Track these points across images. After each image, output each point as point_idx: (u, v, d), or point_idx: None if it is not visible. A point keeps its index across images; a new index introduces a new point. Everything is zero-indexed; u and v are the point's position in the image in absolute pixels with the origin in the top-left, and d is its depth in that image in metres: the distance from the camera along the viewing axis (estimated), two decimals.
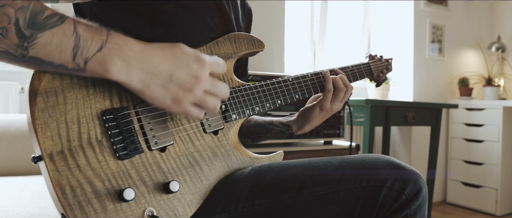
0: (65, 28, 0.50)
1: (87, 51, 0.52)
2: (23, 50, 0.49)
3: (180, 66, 0.57)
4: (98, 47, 0.52)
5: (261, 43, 0.81)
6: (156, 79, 0.56)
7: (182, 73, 0.57)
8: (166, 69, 0.56)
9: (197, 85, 0.58)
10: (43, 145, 0.53)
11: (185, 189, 0.64)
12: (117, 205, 0.56)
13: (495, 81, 3.31)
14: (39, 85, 0.54)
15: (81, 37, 0.51)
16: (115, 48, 0.53)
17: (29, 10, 0.48)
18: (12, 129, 1.29)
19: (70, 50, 0.51)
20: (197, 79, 0.58)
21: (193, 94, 0.58)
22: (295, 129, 0.94)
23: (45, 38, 0.49)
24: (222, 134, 0.72)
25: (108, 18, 0.69)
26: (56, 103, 0.55)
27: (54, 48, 0.50)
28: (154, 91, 0.56)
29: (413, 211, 0.65)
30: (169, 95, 0.57)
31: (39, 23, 0.49)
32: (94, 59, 0.52)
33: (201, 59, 0.59)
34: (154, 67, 0.56)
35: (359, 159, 0.69)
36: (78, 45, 0.51)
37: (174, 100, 0.57)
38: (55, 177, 0.52)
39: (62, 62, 0.52)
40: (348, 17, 2.98)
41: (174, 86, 0.57)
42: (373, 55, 1.09)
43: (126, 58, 0.54)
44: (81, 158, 0.55)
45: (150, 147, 0.61)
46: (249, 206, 0.68)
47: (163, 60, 0.57)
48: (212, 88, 0.60)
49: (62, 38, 0.50)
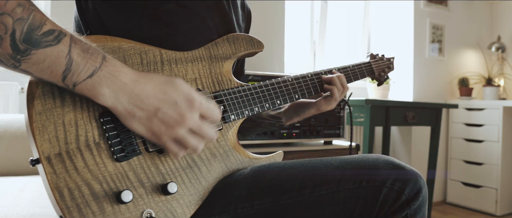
0: (59, 49, 0.50)
1: (77, 76, 0.51)
2: (15, 62, 0.49)
3: (168, 103, 0.56)
4: (89, 73, 0.52)
5: (260, 44, 0.81)
6: (141, 112, 0.55)
7: (168, 110, 0.56)
8: (153, 104, 0.56)
9: (181, 123, 0.57)
10: (40, 148, 0.53)
11: (183, 190, 0.64)
12: (115, 207, 0.56)
13: (495, 81, 3.31)
14: (37, 88, 0.54)
15: (73, 62, 0.51)
16: (107, 77, 0.53)
17: (27, 22, 0.48)
18: (12, 129, 1.29)
19: (60, 73, 0.51)
20: (182, 117, 0.57)
21: (174, 131, 0.57)
22: (285, 120, 0.96)
23: (38, 56, 0.49)
24: (220, 135, 0.72)
25: (109, 17, 0.69)
26: (53, 105, 0.55)
27: (45, 68, 0.50)
28: (137, 122, 0.56)
29: (413, 211, 0.65)
30: (150, 128, 0.56)
31: (35, 40, 0.48)
32: (83, 85, 0.52)
33: (192, 100, 0.58)
34: (141, 101, 0.55)
35: (359, 159, 0.69)
36: (69, 69, 0.51)
37: (154, 134, 0.57)
38: (53, 180, 0.52)
39: (52, 81, 0.52)
40: (348, 17, 2.98)
41: (158, 121, 0.56)
42: (374, 54, 1.09)
43: (115, 88, 0.54)
44: (79, 161, 0.55)
45: (147, 148, 0.61)
46: (249, 206, 0.67)
47: (153, 95, 0.56)
48: (198, 129, 0.59)
49: (54, 60, 0.50)
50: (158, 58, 0.67)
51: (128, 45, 0.64)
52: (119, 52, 0.63)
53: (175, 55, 0.69)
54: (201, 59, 0.73)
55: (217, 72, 0.74)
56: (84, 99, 0.57)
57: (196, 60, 0.72)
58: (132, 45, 0.65)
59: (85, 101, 0.57)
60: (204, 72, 0.73)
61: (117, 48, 0.63)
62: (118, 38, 0.65)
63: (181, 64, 0.70)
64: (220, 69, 0.75)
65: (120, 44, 0.64)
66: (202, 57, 0.73)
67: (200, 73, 0.72)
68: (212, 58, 0.74)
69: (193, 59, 0.72)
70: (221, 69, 0.75)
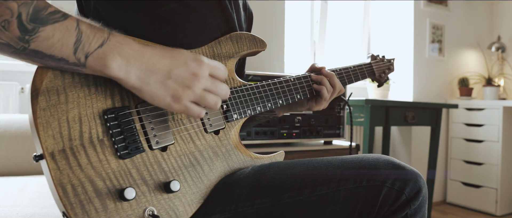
0: (68, 24, 0.51)
1: (88, 46, 0.53)
2: (24, 43, 0.49)
3: (178, 64, 0.58)
4: (99, 43, 0.53)
5: (263, 43, 0.81)
6: (155, 76, 0.56)
7: (181, 70, 0.58)
8: (165, 66, 0.57)
9: (196, 82, 0.58)
10: (44, 144, 0.53)
11: (185, 188, 0.64)
12: (118, 204, 0.56)
13: (495, 81, 3.31)
14: (41, 84, 0.54)
15: (83, 33, 0.52)
16: (116, 45, 0.54)
17: (32, 5, 0.49)
18: (12, 129, 1.29)
19: (71, 44, 0.52)
20: (196, 76, 0.58)
21: (192, 91, 0.58)
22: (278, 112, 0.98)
23: (47, 32, 0.50)
24: (223, 134, 0.73)
25: (111, 17, 0.69)
26: (57, 102, 0.55)
27: (56, 42, 0.51)
28: (153, 87, 0.56)
29: (413, 211, 0.65)
30: (168, 92, 0.57)
31: (42, 18, 0.50)
32: (95, 54, 0.53)
33: (199, 59, 0.60)
34: (152, 64, 0.56)
35: (359, 159, 0.69)
36: (80, 39, 0.52)
37: (173, 97, 0.57)
38: (57, 176, 0.53)
39: (63, 56, 0.52)
40: (348, 17, 2.98)
41: (173, 83, 0.57)
42: (375, 55, 1.09)
43: (126, 55, 0.55)
44: (83, 157, 0.55)
45: (151, 146, 0.62)
46: (249, 205, 0.68)
47: (162, 58, 0.58)
48: (212, 87, 0.60)
49: (64, 33, 0.51)
50: None
51: None
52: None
53: None
54: None
55: None
56: (88, 96, 0.57)
57: None
58: None
59: (89, 97, 0.57)
60: None
61: None
62: None
63: None
64: None
65: None
66: (205, 55, 0.73)
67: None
68: (215, 57, 0.74)
69: None
70: None
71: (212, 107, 0.61)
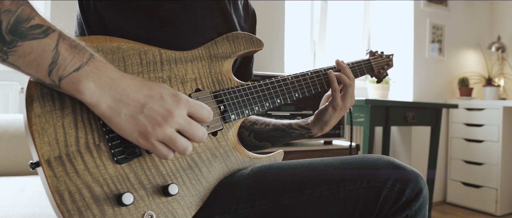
0: (46, 43, 0.49)
1: (63, 69, 0.50)
2: (2, 54, 0.48)
3: (154, 98, 0.55)
4: (76, 67, 0.51)
5: (259, 42, 0.81)
6: (127, 109, 0.53)
7: (155, 105, 0.54)
8: (139, 99, 0.54)
9: (169, 120, 0.54)
10: (40, 151, 0.52)
11: (184, 191, 0.64)
12: (116, 210, 0.56)
13: (495, 81, 3.31)
14: (36, 90, 0.53)
15: (60, 56, 0.50)
16: (93, 71, 0.52)
17: (15, 15, 0.47)
18: (12, 129, 1.29)
19: (46, 66, 0.50)
20: (169, 113, 0.54)
21: (162, 129, 0.54)
22: (316, 131, 0.93)
23: (24, 48, 0.48)
24: (221, 135, 0.72)
25: (110, 17, 0.69)
26: (53, 108, 0.54)
27: (32, 61, 0.49)
28: (123, 120, 0.53)
29: (413, 212, 0.65)
30: (137, 127, 0.54)
31: (21, 32, 0.48)
32: (68, 79, 0.51)
33: (178, 96, 0.56)
34: (126, 96, 0.53)
35: (360, 160, 0.68)
36: (55, 62, 0.50)
37: (141, 134, 0.54)
38: (53, 183, 0.52)
39: (39, 76, 0.51)
40: (348, 17, 2.98)
41: (144, 119, 0.53)
42: (373, 51, 1.09)
43: (101, 82, 0.52)
44: (79, 163, 0.54)
45: (148, 150, 0.61)
46: (249, 207, 0.67)
47: (138, 89, 0.55)
48: (186, 127, 0.56)
49: (41, 53, 0.49)
50: (158, 58, 0.67)
51: (127, 45, 0.64)
52: (118, 52, 0.62)
53: (174, 54, 0.69)
54: (200, 58, 0.73)
55: (217, 71, 0.74)
56: None
57: (196, 59, 0.72)
58: (131, 45, 0.64)
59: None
60: (204, 71, 0.72)
61: (116, 48, 0.62)
62: (117, 38, 0.64)
63: (180, 63, 0.69)
64: (220, 68, 0.75)
65: (119, 44, 0.63)
66: (202, 56, 0.73)
67: (200, 73, 0.72)
68: (212, 57, 0.74)
69: (193, 59, 0.72)
70: (221, 68, 0.75)
71: (180, 151, 0.56)
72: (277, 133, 0.95)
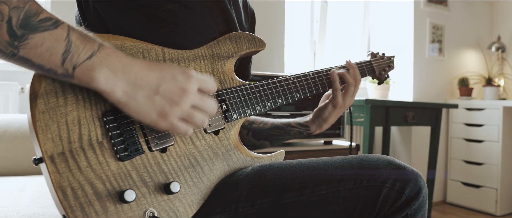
0: (58, 33, 0.50)
1: (77, 57, 0.51)
2: (13, 49, 0.49)
3: (167, 78, 0.56)
4: (88, 55, 0.52)
5: (262, 42, 0.81)
6: (142, 91, 0.54)
7: (169, 85, 0.55)
8: (153, 80, 0.55)
9: (184, 97, 0.56)
10: (44, 147, 0.53)
11: (186, 189, 0.64)
12: (118, 206, 0.56)
13: (495, 81, 3.31)
14: (40, 87, 0.54)
15: (72, 44, 0.51)
16: (105, 58, 0.53)
17: (24, 10, 0.48)
18: (12, 129, 1.29)
19: (60, 55, 0.50)
20: (184, 91, 0.56)
21: (179, 107, 0.56)
22: (314, 128, 0.94)
23: (36, 40, 0.49)
24: (223, 134, 0.72)
25: (110, 17, 0.69)
26: (56, 104, 0.55)
27: (44, 51, 0.50)
28: (140, 103, 0.54)
29: (413, 211, 0.65)
30: (155, 108, 0.55)
31: (32, 25, 0.49)
32: (83, 66, 0.52)
33: (188, 73, 0.58)
34: (140, 78, 0.54)
35: (360, 159, 0.69)
36: (68, 50, 0.51)
37: (160, 114, 0.55)
38: (56, 179, 0.52)
39: (51, 66, 0.51)
40: (348, 17, 2.98)
41: (161, 99, 0.55)
42: (375, 53, 1.09)
43: (114, 68, 0.53)
44: (82, 160, 0.55)
45: (150, 148, 0.61)
46: (250, 206, 0.68)
47: (150, 71, 0.56)
48: (200, 103, 0.58)
49: (53, 42, 0.50)
50: (161, 56, 0.67)
51: (131, 43, 0.64)
52: (121, 50, 0.63)
53: (177, 53, 0.69)
54: (203, 57, 0.73)
55: (219, 71, 0.75)
56: (87, 98, 0.57)
57: (198, 58, 0.72)
58: (134, 44, 0.65)
59: (88, 100, 0.57)
60: (206, 70, 0.73)
61: (119, 46, 0.63)
62: (120, 37, 0.65)
63: (183, 62, 0.70)
64: (222, 68, 0.75)
65: (123, 42, 0.64)
66: (204, 55, 0.73)
67: (202, 72, 0.72)
68: (214, 56, 0.74)
69: (195, 58, 0.72)
70: (223, 68, 0.75)
71: (199, 125, 0.59)
72: (275, 132, 0.96)
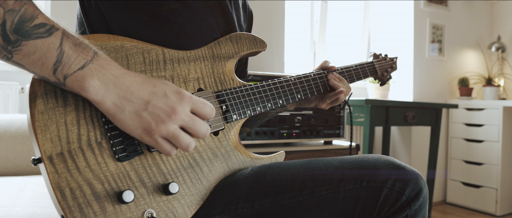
0: (50, 42, 0.50)
1: (68, 68, 0.51)
2: (7, 53, 0.48)
3: (158, 94, 0.56)
4: (80, 65, 0.52)
5: (263, 43, 0.81)
6: (131, 106, 0.54)
7: (159, 102, 0.55)
8: (143, 96, 0.55)
9: (173, 117, 0.55)
10: (42, 147, 0.52)
11: (185, 190, 0.64)
12: (117, 207, 0.56)
13: (495, 81, 3.31)
14: (40, 87, 0.54)
15: (65, 54, 0.51)
16: (97, 69, 0.53)
17: (19, 14, 0.48)
18: (12, 129, 1.29)
19: (51, 65, 0.50)
20: (173, 110, 0.55)
21: (165, 126, 0.55)
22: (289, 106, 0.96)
23: (28, 48, 0.49)
24: (222, 135, 0.72)
25: (112, 16, 0.69)
26: (56, 105, 0.55)
27: (36, 59, 0.49)
28: (127, 117, 0.54)
29: (413, 211, 0.65)
30: (141, 124, 0.55)
31: (25, 31, 0.48)
32: (73, 77, 0.51)
33: (181, 93, 0.57)
34: (130, 93, 0.54)
35: (360, 160, 0.69)
36: (60, 60, 0.50)
37: (145, 131, 0.55)
38: (55, 179, 0.52)
39: (43, 75, 0.51)
40: (348, 17, 2.98)
41: (148, 116, 0.54)
42: (377, 54, 1.09)
43: (105, 80, 0.53)
44: (81, 160, 0.55)
45: (149, 148, 0.61)
46: (249, 207, 0.67)
47: (142, 86, 0.55)
48: (189, 124, 0.57)
49: (45, 52, 0.49)
50: (161, 57, 0.67)
51: (131, 44, 0.64)
52: (121, 51, 0.63)
53: (177, 54, 0.69)
54: (203, 58, 0.73)
55: (219, 71, 0.74)
56: (86, 99, 0.57)
57: (199, 59, 0.72)
58: (134, 44, 0.65)
59: (87, 101, 0.57)
60: (206, 71, 0.73)
61: (119, 47, 0.63)
62: (120, 37, 0.65)
63: (183, 63, 0.70)
64: (222, 68, 0.75)
65: (123, 43, 0.63)
66: (205, 56, 0.73)
67: (202, 73, 0.72)
68: (214, 57, 0.74)
69: (196, 58, 0.72)
70: (223, 68, 0.75)
71: (183, 148, 0.57)
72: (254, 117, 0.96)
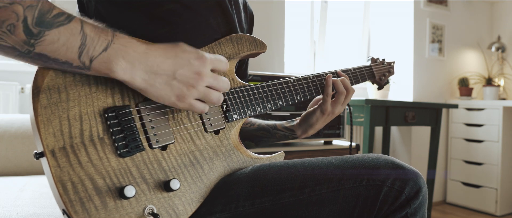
0: (72, 27, 0.52)
1: (93, 50, 0.53)
2: (29, 47, 0.50)
3: (182, 64, 0.59)
4: (103, 47, 0.54)
5: (263, 45, 0.81)
6: (160, 78, 0.58)
7: (185, 71, 0.59)
8: (169, 67, 0.58)
9: (200, 81, 0.60)
10: (45, 142, 0.53)
11: (185, 187, 0.64)
12: (118, 202, 0.56)
13: (495, 81, 3.32)
14: (43, 82, 0.54)
15: (87, 36, 0.53)
16: (120, 48, 0.55)
17: (37, 8, 0.49)
18: (12, 129, 1.29)
19: (76, 48, 0.52)
20: (199, 75, 0.60)
21: (196, 89, 0.60)
22: (299, 133, 0.94)
23: (52, 36, 0.50)
24: (223, 134, 0.73)
25: (112, 17, 0.70)
26: (59, 100, 0.55)
27: (61, 46, 0.51)
28: (159, 89, 0.58)
29: (413, 210, 0.65)
30: (174, 92, 0.59)
31: (47, 22, 0.50)
32: (99, 59, 0.54)
33: (202, 56, 0.61)
34: (157, 66, 0.58)
35: (360, 159, 0.69)
36: (84, 43, 0.52)
37: (178, 97, 0.59)
38: (57, 173, 0.53)
39: (67, 59, 0.53)
40: (348, 17, 2.98)
41: (178, 83, 0.59)
42: (375, 58, 1.10)
43: (130, 58, 0.56)
44: (83, 155, 0.55)
45: (151, 145, 0.62)
46: (250, 205, 0.68)
47: (166, 59, 0.58)
48: (214, 83, 0.63)
49: (69, 37, 0.51)
50: None
51: None
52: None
53: None
54: None
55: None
56: (89, 94, 0.57)
57: None
58: None
59: (90, 96, 0.58)
60: None
61: None
62: None
63: None
64: None
65: None
66: None
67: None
68: None
69: None
70: None
71: (215, 103, 0.64)
72: (260, 133, 0.96)
